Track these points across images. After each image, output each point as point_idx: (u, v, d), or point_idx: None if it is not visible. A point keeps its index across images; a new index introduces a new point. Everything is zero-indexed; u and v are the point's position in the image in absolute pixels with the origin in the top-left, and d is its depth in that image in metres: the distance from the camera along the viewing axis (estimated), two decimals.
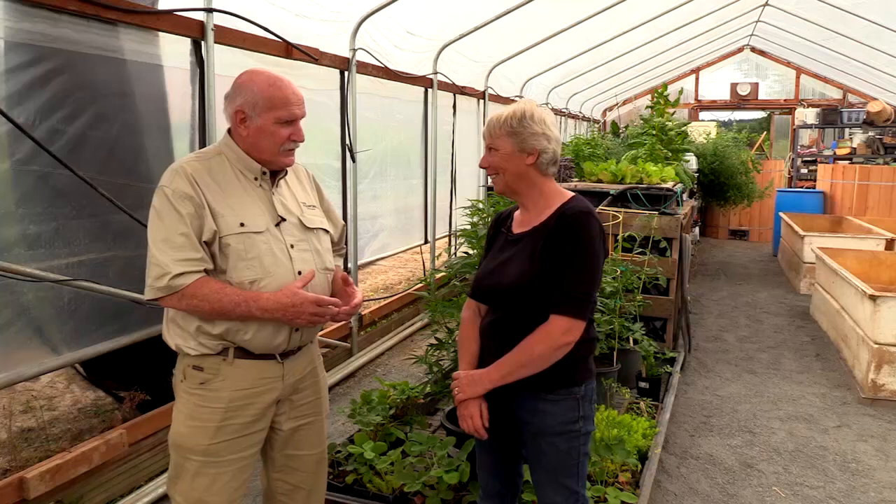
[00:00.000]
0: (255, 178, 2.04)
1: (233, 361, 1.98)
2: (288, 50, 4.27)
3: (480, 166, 2.11)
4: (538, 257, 1.97)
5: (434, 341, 3.51)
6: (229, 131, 2.06)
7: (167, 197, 1.90)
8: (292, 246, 2.03)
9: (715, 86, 14.91)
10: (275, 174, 2.08)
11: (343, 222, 2.38)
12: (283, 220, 2.04)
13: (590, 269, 1.95)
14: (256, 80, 1.98)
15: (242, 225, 1.95)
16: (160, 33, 3.38)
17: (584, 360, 2.05)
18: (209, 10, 3.57)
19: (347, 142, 5.12)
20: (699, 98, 15.01)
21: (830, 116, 12.69)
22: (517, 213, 2.16)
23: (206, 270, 1.92)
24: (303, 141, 2.05)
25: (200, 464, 1.99)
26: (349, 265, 5.11)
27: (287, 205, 2.09)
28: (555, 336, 1.92)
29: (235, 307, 1.89)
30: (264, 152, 2.01)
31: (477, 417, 2.01)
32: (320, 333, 2.30)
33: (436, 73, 6.53)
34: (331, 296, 2.12)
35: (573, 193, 2.10)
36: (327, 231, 2.20)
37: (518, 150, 2.01)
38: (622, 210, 4.78)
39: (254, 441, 2.07)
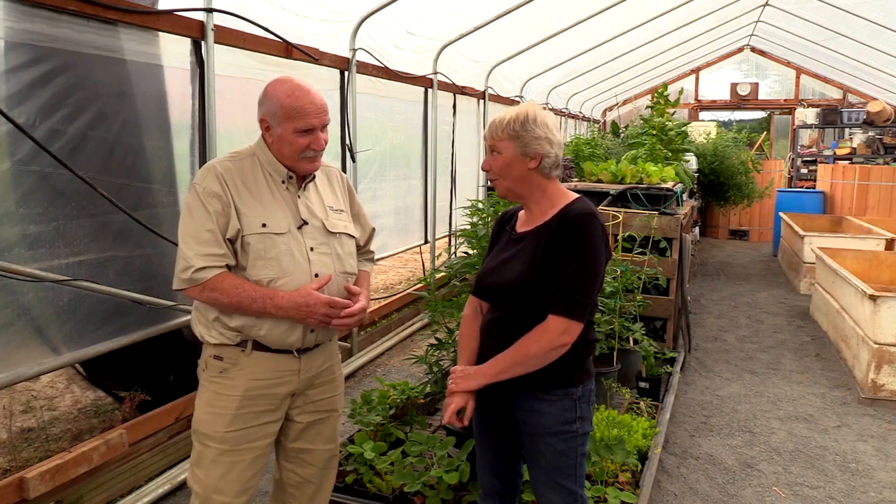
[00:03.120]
0: (283, 181, 2.11)
1: (251, 353, 2.07)
2: (288, 50, 4.26)
3: (483, 168, 2.10)
4: (539, 257, 1.97)
5: (434, 341, 3.51)
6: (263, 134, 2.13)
7: (198, 194, 2.01)
8: (312, 249, 2.09)
9: (715, 86, 14.92)
10: (302, 177, 2.13)
11: (372, 226, 2.42)
12: (306, 223, 2.10)
13: (590, 271, 1.94)
14: (278, 89, 2.03)
15: (264, 225, 2.03)
16: (160, 33, 3.38)
17: (582, 362, 2.05)
18: (209, 10, 3.57)
19: (347, 142, 5.12)
20: (699, 98, 15.01)
21: (830, 116, 12.69)
22: (521, 213, 2.16)
23: (228, 266, 2.01)
24: (322, 149, 2.09)
25: (217, 451, 2.07)
26: None
27: (312, 208, 2.14)
28: (551, 336, 1.92)
29: (252, 303, 1.98)
30: (286, 159, 2.08)
31: (454, 408, 1.98)
32: None
33: (436, 73, 6.53)
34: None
35: (577, 195, 2.10)
36: (351, 236, 2.24)
37: (521, 154, 2.00)
38: (622, 210, 4.78)
39: (267, 431, 2.13)
